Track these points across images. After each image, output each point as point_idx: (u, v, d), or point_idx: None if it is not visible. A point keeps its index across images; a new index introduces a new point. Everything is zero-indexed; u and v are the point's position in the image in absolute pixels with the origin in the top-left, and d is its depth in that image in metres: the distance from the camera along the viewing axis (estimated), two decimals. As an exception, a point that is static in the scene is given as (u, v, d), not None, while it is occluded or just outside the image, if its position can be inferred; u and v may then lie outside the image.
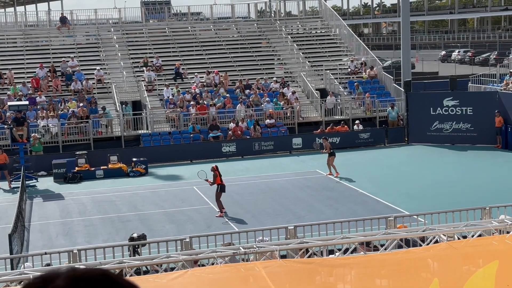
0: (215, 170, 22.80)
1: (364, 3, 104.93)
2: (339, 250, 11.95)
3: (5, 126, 31.80)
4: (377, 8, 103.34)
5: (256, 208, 23.63)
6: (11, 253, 16.77)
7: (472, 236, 11.23)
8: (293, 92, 37.72)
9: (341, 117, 37.17)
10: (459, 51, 75.62)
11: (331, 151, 28.38)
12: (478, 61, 68.98)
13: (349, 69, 41.42)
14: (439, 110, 34.27)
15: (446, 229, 11.35)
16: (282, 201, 24.46)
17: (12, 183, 28.68)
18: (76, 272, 1.88)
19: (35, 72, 38.48)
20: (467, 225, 11.47)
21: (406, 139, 35.64)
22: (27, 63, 40.36)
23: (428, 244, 11.10)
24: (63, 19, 44.06)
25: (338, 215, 21.13)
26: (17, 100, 34.01)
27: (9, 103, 32.62)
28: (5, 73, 38.18)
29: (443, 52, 77.80)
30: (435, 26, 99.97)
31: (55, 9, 57.34)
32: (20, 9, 63.94)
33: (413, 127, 35.20)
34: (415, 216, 16.89)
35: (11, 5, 67.51)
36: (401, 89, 37.72)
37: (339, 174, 28.06)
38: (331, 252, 12.64)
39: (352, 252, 11.25)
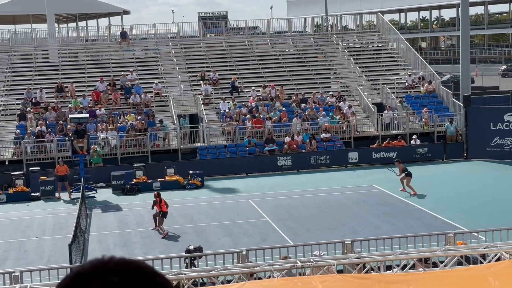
0: (157, 196, 23.07)
1: (422, 17, 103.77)
2: (397, 266, 11.79)
3: (66, 138, 32.54)
4: (436, 22, 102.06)
5: (311, 222, 23.52)
6: (70, 262, 17.11)
7: (536, 254, 10.93)
8: (350, 106, 37.49)
9: (398, 131, 36.76)
10: (520, 65, 73.94)
11: (407, 171, 27.74)
12: (540, 76, 67.29)
13: (406, 84, 40.98)
14: (499, 125, 33.57)
15: (508, 246, 11.08)
16: (338, 216, 24.29)
17: (72, 194, 29.30)
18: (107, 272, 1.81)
19: (95, 85, 39.32)
20: (530, 243, 11.17)
21: (465, 154, 34.98)
22: (88, 77, 41.28)
23: (489, 261, 10.85)
24: (123, 34, 44.96)
25: (395, 230, 20.85)
26: (78, 113, 34.78)
27: (70, 116, 33.40)
28: (66, 87, 39.13)
29: (504, 66, 76.19)
30: (495, 40, 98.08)
31: (116, 24, 58.61)
32: (82, 24, 65.57)
33: (472, 142, 34.55)
34: (475, 233, 16.54)
35: (73, 20, 69.27)
36: (460, 103, 37.10)
37: (416, 193, 27.27)
38: (388, 268, 12.48)
39: (410, 268, 11.09)
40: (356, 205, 25.88)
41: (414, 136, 35.82)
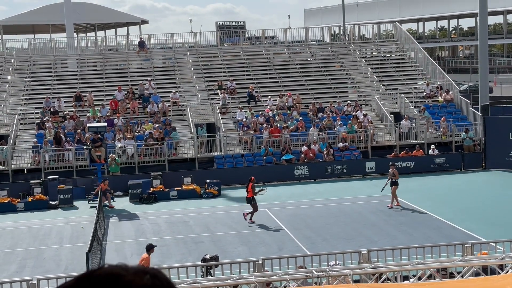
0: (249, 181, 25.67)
1: (440, 26, 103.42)
2: (414, 276, 11.71)
3: (84, 147, 32.74)
4: (454, 31, 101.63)
5: (328, 231, 23.45)
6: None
7: (554, 265, 10.81)
8: (365, 115, 37.36)
9: (416, 141, 36.59)
10: (539, 75, 73.32)
11: (395, 180, 26.96)
12: (560, 85, 66.59)
13: (424, 93, 40.82)
14: (518, 135, 33.30)
15: (526, 257, 10.98)
16: (355, 225, 24.19)
17: (90, 202, 29.46)
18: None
19: (113, 94, 39.56)
20: (549, 254, 11.06)
21: (484, 164, 34.74)
22: (106, 86, 41.55)
23: (507, 272, 10.76)
24: (141, 43, 45.24)
25: (412, 240, 20.74)
26: (96, 122, 35.00)
27: (88, 125, 33.61)
28: (85, 96, 39.40)
29: (523, 76, 75.55)
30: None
31: (134, 34, 58.95)
32: (100, 33, 66.05)
33: (490, 152, 34.31)
34: (493, 244, 16.39)
35: (92, 30, 69.81)
36: (479, 113, 36.88)
37: (399, 205, 26.94)
38: (405, 278, 12.41)
39: (427, 279, 11.01)
40: (373, 215, 25.77)
41: (432, 146, 35.64)
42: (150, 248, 16.69)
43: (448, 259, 12.27)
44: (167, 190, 30.77)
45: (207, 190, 30.74)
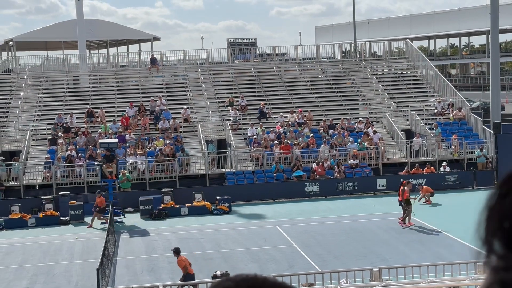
0: (403, 184, 26.23)
1: (451, 43, 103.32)
2: (426, 294, 11.64)
3: (96, 163, 32.84)
4: (465, 48, 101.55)
5: (339, 249, 23.36)
6: (98, 287, 17.18)
7: None
8: (374, 132, 37.22)
9: (427, 158, 36.46)
10: (551, 92, 73.03)
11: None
12: None
13: (435, 110, 40.73)
14: (530, 153, 33.11)
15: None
16: (366, 243, 24.08)
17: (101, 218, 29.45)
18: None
19: (125, 110, 39.71)
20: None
21: (495, 182, 34.51)
22: (118, 102, 41.73)
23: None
24: (153, 60, 45.47)
25: (424, 258, 20.61)
26: (108, 138, 35.10)
27: (100, 141, 33.72)
28: (97, 112, 39.57)
29: (535, 93, 75.24)
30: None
31: (146, 51, 59.30)
32: (112, 50, 66.44)
33: (502, 170, 34.07)
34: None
35: (104, 46, 70.25)
36: (490, 131, 36.73)
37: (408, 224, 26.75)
38: (417, 296, 12.32)
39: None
40: (384, 232, 25.65)
41: (444, 163, 35.49)
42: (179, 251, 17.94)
43: (460, 277, 12.19)
44: (177, 206, 30.78)
45: (217, 207, 30.73)
